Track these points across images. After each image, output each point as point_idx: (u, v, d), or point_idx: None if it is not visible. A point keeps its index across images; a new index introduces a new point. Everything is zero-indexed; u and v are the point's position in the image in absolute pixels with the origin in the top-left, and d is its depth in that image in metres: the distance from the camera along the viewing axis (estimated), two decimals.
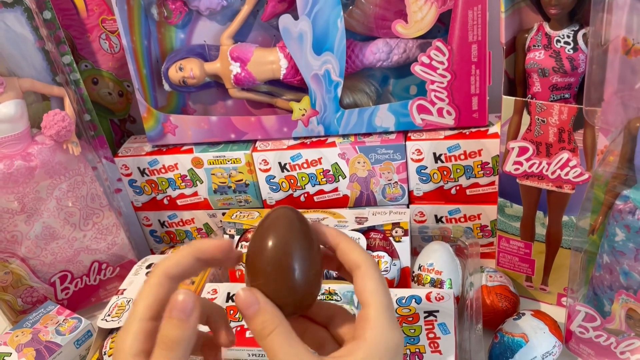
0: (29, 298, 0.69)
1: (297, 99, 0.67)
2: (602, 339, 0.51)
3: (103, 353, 0.59)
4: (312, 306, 0.38)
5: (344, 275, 0.40)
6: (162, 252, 0.76)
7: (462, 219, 0.69)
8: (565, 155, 0.53)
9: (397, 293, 0.56)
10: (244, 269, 0.37)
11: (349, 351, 0.34)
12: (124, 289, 0.65)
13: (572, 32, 0.49)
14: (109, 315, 0.61)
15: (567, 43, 0.49)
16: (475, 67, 0.60)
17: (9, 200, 0.62)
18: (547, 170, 0.55)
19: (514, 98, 0.53)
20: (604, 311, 0.51)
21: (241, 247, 0.66)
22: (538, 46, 0.51)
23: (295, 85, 0.67)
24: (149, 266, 0.68)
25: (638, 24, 0.41)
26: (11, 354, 0.60)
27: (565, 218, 0.57)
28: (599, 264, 0.50)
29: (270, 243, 0.35)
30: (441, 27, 0.63)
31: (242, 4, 0.65)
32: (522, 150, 0.55)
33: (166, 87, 0.70)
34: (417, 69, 0.62)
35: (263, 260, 0.35)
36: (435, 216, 0.69)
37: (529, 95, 0.53)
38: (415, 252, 0.69)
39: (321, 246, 0.38)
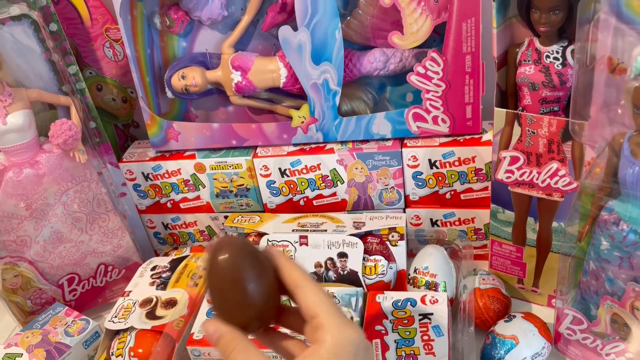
0: (37, 299, 0.71)
1: (296, 106, 0.69)
2: (588, 341, 0.54)
3: (110, 354, 0.61)
4: (272, 318, 0.41)
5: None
6: (166, 254, 0.78)
7: (457, 223, 0.71)
8: (554, 165, 0.55)
9: (394, 296, 0.58)
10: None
11: (307, 355, 0.36)
12: (130, 291, 0.67)
13: (561, 48, 0.51)
14: (115, 316, 0.63)
15: (556, 59, 0.51)
16: (469, 77, 0.62)
17: (18, 206, 0.64)
18: (537, 179, 0.57)
19: (505, 110, 0.55)
20: (590, 315, 0.53)
21: None
22: (528, 61, 0.53)
23: (294, 93, 0.69)
24: (153, 268, 0.71)
25: (622, 45, 0.43)
26: (22, 354, 0.62)
27: (554, 224, 0.59)
28: (586, 270, 0.52)
29: (220, 264, 0.38)
30: (436, 37, 0.64)
31: (242, 14, 0.67)
32: (514, 160, 0.57)
33: (169, 94, 0.71)
34: (412, 78, 0.64)
35: (216, 280, 0.38)
36: (431, 219, 0.71)
37: (520, 108, 0.55)
38: (411, 254, 0.71)
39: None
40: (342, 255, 0.64)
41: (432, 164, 0.67)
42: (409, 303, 0.58)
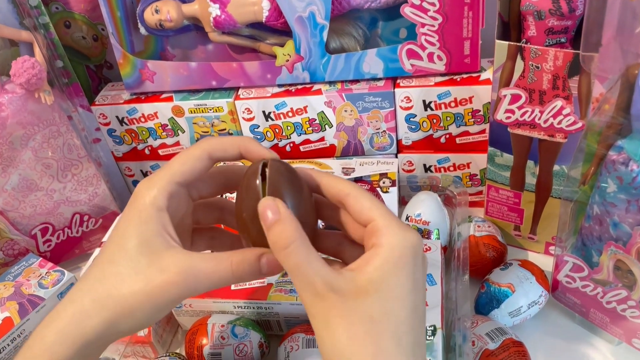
0: (10, 251, 0.67)
1: (281, 43, 0.64)
2: (588, 289, 0.51)
3: None
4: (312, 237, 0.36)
5: (332, 221, 0.38)
6: None
7: (452, 168, 0.67)
8: (559, 103, 0.51)
9: None
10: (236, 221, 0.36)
11: (366, 260, 0.32)
12: None
13: None
14: None
15: None
16: (468, 9, 0.57)
17: None
18: (539, 119, 0.53)
19: (507, 43, 0.50)
20: (591, 262, 0.51)
21: (225, 198, 0.64)
22: None
23: (278, 28, 0.64)
24: None
25: None
26: None
27: (556, 167, 0.56)
28: (589, 215, 0.49)
29: (255, 183, 0.34)
30: None
31: None
32: (515, 98, 0.53)
33: (142, 31, 0.66)
34: (406, 10, 0.58)
35: (255, 200, 0.34)
36: (424, 165, 0.68)
37: (524, 40, 0.51)
38: (403, 202, 0.68)
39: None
40: None
41: (426, 106, 0.62)
42: None
